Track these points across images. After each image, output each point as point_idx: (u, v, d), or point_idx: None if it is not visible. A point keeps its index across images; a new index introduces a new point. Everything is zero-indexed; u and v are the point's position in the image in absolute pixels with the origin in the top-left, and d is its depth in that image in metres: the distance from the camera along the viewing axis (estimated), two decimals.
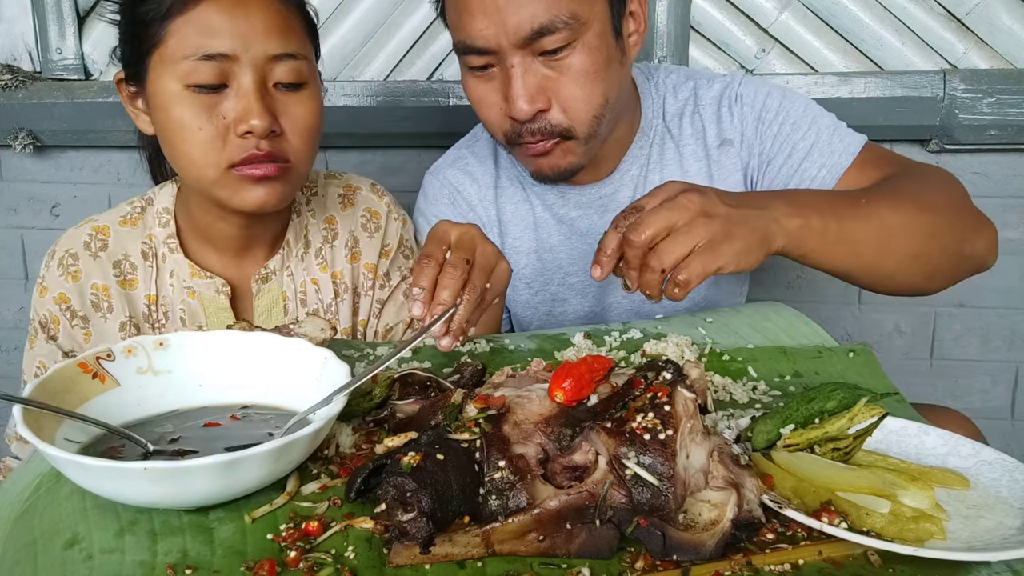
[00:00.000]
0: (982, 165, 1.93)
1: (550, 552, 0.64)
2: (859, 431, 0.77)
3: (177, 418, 0.81)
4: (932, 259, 1.10)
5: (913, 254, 1.08)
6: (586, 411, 0.72)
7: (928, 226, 1.08)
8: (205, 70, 1.04)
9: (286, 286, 1.25)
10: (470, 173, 1.43)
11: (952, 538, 0.67)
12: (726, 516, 0.65)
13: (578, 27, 1.12)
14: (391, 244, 1.33)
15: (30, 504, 0.74)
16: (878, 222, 1.05)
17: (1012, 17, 1.81)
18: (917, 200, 1.10)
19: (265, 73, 1.07)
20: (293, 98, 1.11)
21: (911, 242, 1.07)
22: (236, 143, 1.06)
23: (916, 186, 1.14)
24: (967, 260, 1.15)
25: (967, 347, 2.07)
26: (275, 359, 0.86)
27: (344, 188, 1.34)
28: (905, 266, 1.08)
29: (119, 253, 1.20)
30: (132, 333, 1.18)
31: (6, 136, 1.94)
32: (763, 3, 1.84)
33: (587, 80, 1.15)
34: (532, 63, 1.14)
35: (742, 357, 1.05)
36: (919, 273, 1.10)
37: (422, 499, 0.63)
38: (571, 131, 1.18)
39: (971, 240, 1.14)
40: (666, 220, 0.90)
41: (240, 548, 0.65)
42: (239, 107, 1.06)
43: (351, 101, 1.91)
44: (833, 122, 1.28)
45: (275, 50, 1.07)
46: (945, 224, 1.11)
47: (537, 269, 1.41)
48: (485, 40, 1.13)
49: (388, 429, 0.83)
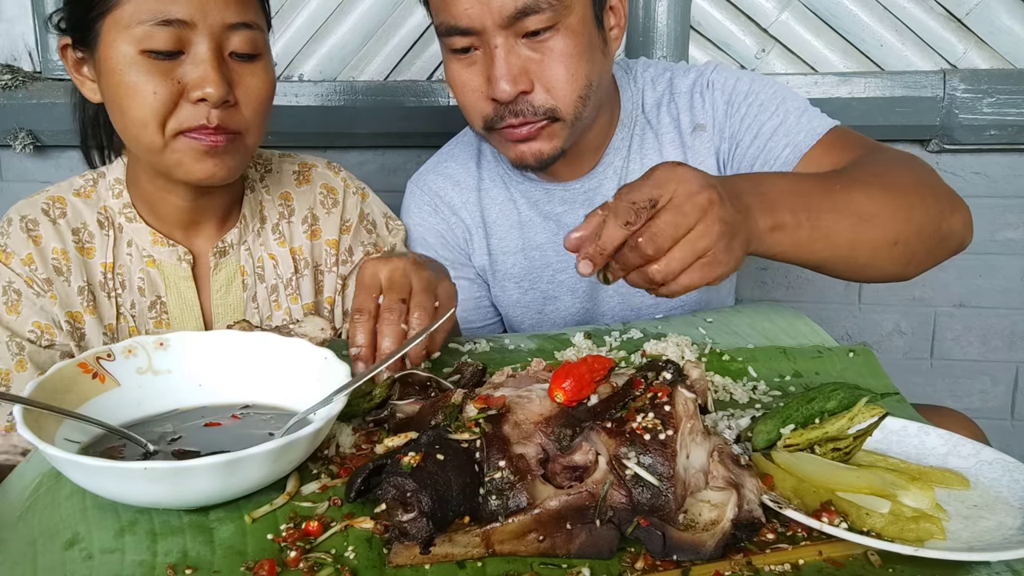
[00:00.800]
0: (982, 165, 1.93)
1: (550, 552, 0.64)
2: (859, 431, 0.77)
3: (177, 418, 0.81)
4: (910, 244, 1.04)
5: (891, 241, 1.02)
6: (586, 411, 0.72)
7: (904, 209, 1.03)
8: (162, 35, 1.03)
9: (244, 261, 1.24)
10: (451, 177, 1.43)
11: (952, 538, 0.67)
12: (726, 516, 0.65)
13: (561, 9, 1.13)
14: (351, 219, 1.32)
15: (30, 504, 0.74)
16: (852, 212, 0.99)
17: (1012, 17, 1.81)
18: (890, 183, 1.05)
19: (221, 42, 1.07)
20: (248, 68, 1.10)
21: (887, 229, 1.02)
22: (188, 110, 1.05)
23: (887, 168, 1.10)
24: (945, 240, 1.10)
25: (967, 347, 2.07)
26: (275, 359, 0.85)
27: (299, 166, 1.33)
28: (882, 254, 1.03)
29: (78, 222, 1.18)
30: (89, 300, 1.16)
31: (6, 136, 1.94)
32: (763, 3, 1.84)
33: (570, 61, 1.16)
34: (515, 44, 1.15)
35: (742, 357, 1.05)
36: (897, 260, 1.05)
37: (422, 499, 0.63)
38: (556, 111, 1.18)
39: (947, 219, 1.09)
40: (683, 229, 0.81)
41: (240, 548, 0.65)
42: (195, 73, 1.05)
43: (351, 101, 1.91)
44: (803, 104, 1.27)
45: (232, 19, 1.06)
46: (921, 205, 1.05)
47: (525, 268, 1.41)
48: (469, 19, 1.13)
49: (388, 429, 0.83)
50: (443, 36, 1.19)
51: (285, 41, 1.91)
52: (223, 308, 1.23)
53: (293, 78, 1.93)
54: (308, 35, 1.91)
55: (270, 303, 1.26)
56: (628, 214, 0.80)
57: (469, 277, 1.44)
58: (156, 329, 1.19)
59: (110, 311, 1.18)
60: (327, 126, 1.93)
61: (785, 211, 0.93)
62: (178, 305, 1.21)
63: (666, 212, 0.81)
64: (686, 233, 0.81)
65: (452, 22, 1.15)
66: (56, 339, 1.15)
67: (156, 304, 1.20)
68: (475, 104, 1.21)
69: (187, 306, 1.21)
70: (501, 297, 1.45)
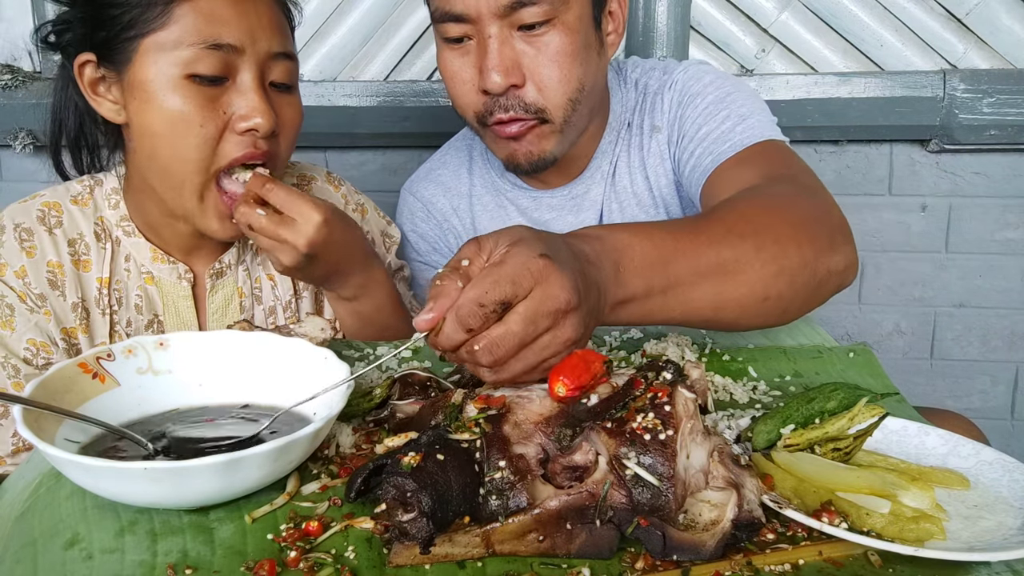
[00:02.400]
0: (982, 165, 1.93)
1: (550, 552, 0.64)
2: (859, 431, 0.77)
3: (177, 418, 0.81)
4: (783, 297, 0.91)
5: (761, 297, 0.90)
6: (586, 411, 0.72)
7: (776, 260, 0.90)
8: (210, 60, 1.02)
9: (241, 282, 1.22)
10: (443, 184, 1.43)
11: (952, 538, 0.67)
12: (726, 516, 0.65)
13: (559, 4, 1.12)
14: None
15: (30, 504, 0.74)
16: (717, 272, 0.87)
17: (1012, 17, 1.81)
18: (765, 230, 0.91)
19: (264, 70, 1.06)
20: (285, 99, 1.10)
21: (756, 286, 0.89)
22: (234, 140, 1.05)
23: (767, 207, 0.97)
24: (822, 285, 0.96)
25: (967, 347, 2.07)
26: (275, 359, 0.85)
27: (297, 179, 1.30)
28: (751, 311, 0.91)
29: (74, 232, 1.14)
30: (83, 316, 1.12)
31: (6, 136, 1.94)
32: (763, 3, 1.84)
33: (564, 60, 1.15)
34: (509, 36, 1.14)
35: (742, 357, 1.05)
36: (769, 313, 0.93)
37: (422, 499, 0.62)
38: (545, 112, 1.17)
39: (824, 261, 0.95)
40: (528, 340, 0.70)
41: (240, 548, 0.65)
42: (243, 103, 1.04)
43: (351, 101, 1.91)
44: (749, 111, 1.19)
45: (277, 48, 1.06)
46: (796, 253, 0.92)
47: None
48: (464, 6, 1.12)
49: (388, 429, 0.83)
50: (437, 23, 1.18)
51: None
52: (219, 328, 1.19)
53: None
54: (308, 35, 1.91)
55: (267, 325, 1.22)
56: (472, 319, 0.69)
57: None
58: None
59: (103, 328, 1.14)
60: (328, 126, 1.93)
61: (637, 283, 0.81)
62: (176, 325, 1.18)
63: (513, 321, 0.69)
64: (534, 341, 0.71)
65: (447, 7, 1.14)
66: (52, 357, 1.11)
67: (153, 323, 1.17)
68: (466, 96, 1.20)
69: (185, 326, 1.18)
70: None
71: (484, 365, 0.71)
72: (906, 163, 1.95)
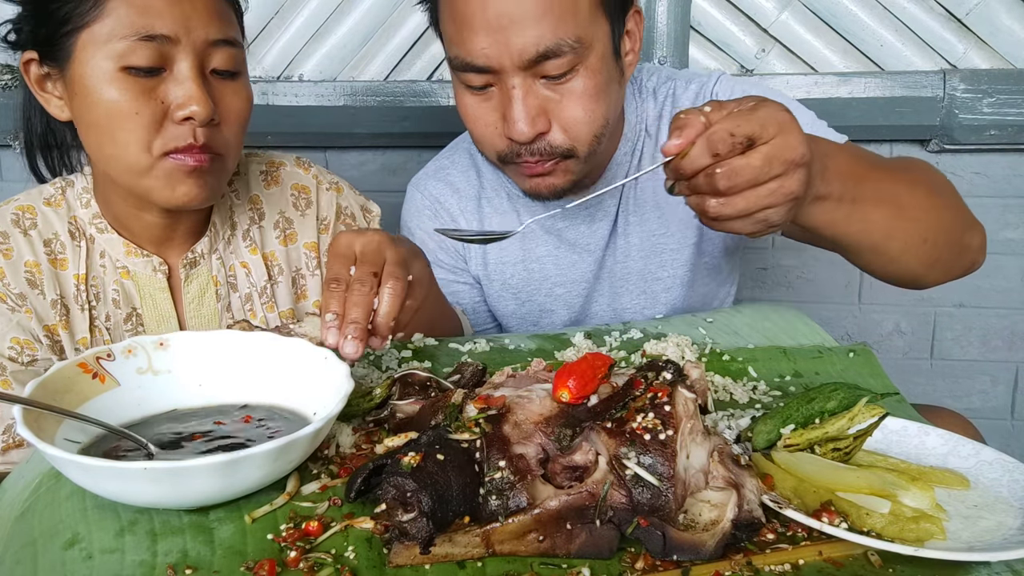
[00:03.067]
0: (982, 165, 1.93)
1: (550, 552, 0.64)
2: (859, 431, 0.77)
3: (177, 418, 0.81)
4: (938, 245, 1.04)
5: (922, 238, 1.02)
6: (586, 411, 0.72)
7: (938, 209, 1.04)
8: (144, 51, 1.00)
9: (216, 270, 1.21)
10: (452, 184, 1.42)
11: (952, 538, 0.67)
12: (726, 516, 0.65)
13: (582, 50, 1.10)
14: (328, 217, 1.29)
15: (30, 504, 0.74)
16: (894, 202, 0.99)
17: (1012, 17, 1.81)
18: (926, 183, 1.06)
19: (204, 58, 1.04)
20: (229, 87, 1.08)
21: (921, 226, 1.02)
22: (173, 130, 1.03)
23: (920, 172, 1.10)
24: (963, 253, 1.10)
25: (967, 347, 2.07)
26: (275, 359, 0.85)
27: (266, 165, 1.29)
28: (911, 250, 1.03)
29: (49, 232, 1.15)
30: (63, 313, 1.13)
31: (6, 136, 1.94)
32: (763, 3, 1.84)
33: (589, 102, 1.13)
34: (533, 84, 1.11)
35: (742, 357, 1.05)
36: (923, 259, 1.05)
37: (422, 499, 0.62)
38: (572, 151, 1.16)
39: (969, 232, 1.10)
40: (761, 180, 0.79)
41: (240, 548, 0.65)
42: (180, 92, 1.02)
43: (351, 101, 1.91)
44: (809, 119, 1.24)
45: (215, 35, 1.04)
46: (952, 209, 1.07)
47: (523, 279, 1.41)
48: (486, 59, 1.09)
49: (388, 429, 0.83)
50: (457, 71, 1.15)
51: (285, 41, 1.91)
52: (197, 320, 1.20)
53: (293, 78, 1.93)
54: (308, 35, 1.91)
55: (244, 312, 1.22)
56: (722, 144, 0.78)
57: (467, 282, 1.44)
58: None
59: (83, 324, 1.14)
60: (327, 126, 1.93)
61: (836, 185, 0.91)
62: (154, 317, 1.18)
63: (755, 156, 0.79)
64: (764, 184, 0.80)
65: (468, 59, 1.11)
66: (37, 354, 1.12)
67: (132, 316, 1.17)
68: (489, 139, 1.18)
69: (163, 318, 1.18)
70: (498, 307, 1.45)
71: (717, 192, 0.80)
72: None
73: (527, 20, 1.06)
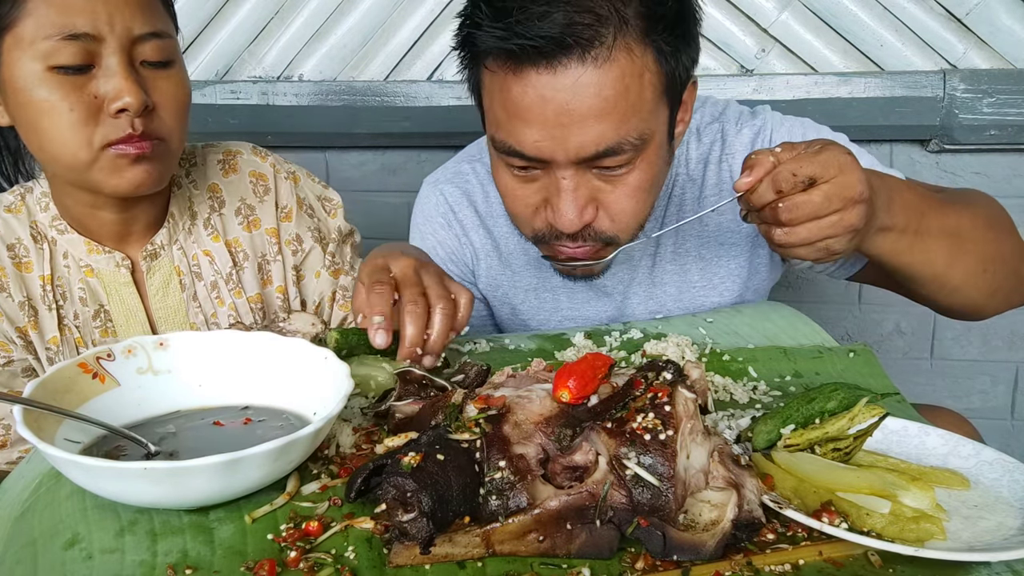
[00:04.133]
0: (982, 165, 1.93)
1: (550, 552, 0.64)
2: (859, 431, 0.77)
3: (177, 418, 0.81)
4: (997, 275, 1.07)
5: (981, 268, 1.06)
6: (586, 411, 0.72)
7: (997, 241, 1.08)
8: (69, 50, 0.99)
9: (178, 260, 1.21)
10: (468, 195, 1.35)
11: (952, 538, 0.67)
12: (726, 516, 0.65)
13: (642, 145, 1.03)
14: (288, 205, 1.28)
15: (30, 504, 0.74)
16: (954, 232, 1.03)
17: (1012, 17, 1.81)
18: (986, 216, 1.09)
19: (131, 52, 1.03)
20: (161, 75, 1.07)
21: (980, 255, 1.05)
22: (110, 123, 1.02)
23: (980, 204, 1.12)
24: (1020, 284, 1.13)
25: (967, 347, 2.07)
26: (275, 359, 0.86)
27: (224, 154, 1.29)
28: (972, 280, 1.06)
29: (12, 237, 1.15)
30: (31, 314, 1.14)
31: None
32: (763, 3, 1.84)
33: (642, 194, 1.07)
34: (585, 175, 1.03)
35: (742, 357, 1.05)
36: (983, 289, 1.07)
37: (422, 499, 0.62)
38: (616, 239, 1.09)
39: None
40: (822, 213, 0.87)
41: (240, 548, 0.65)
42: (110, 86, 1.01)
43: (351, 101, 1.91)
44: (870, 162, 1.17)
45: (140, 29, 1.03)
46: (1010, 242, 1.10)
47: (535, 307, 1.35)
48: (539, 152, 1.01)
49: (388, 429, 0.83)
50: (501, 154, 1.07)
51: (285, 41, 1.91)
52: (163, 311, 1.20)
53: (293, 78, 1.93)
54: (308, 35, 1.91)
55: (212, 300, 1.22)
56: (785, 183, 0.87)
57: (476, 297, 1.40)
58: (103, 339, 1.17)
59: (52, 324, 1.15)
60: (327, 126, 1.93)
61: (900, 217, 0.97)
62: (122, 312, 1.18)
63: (815, 193, 0.87)
64: (824, 217, 0.87)
65: (517, 148, 1.02)
66: (13, 355, 1.13)
67: (100, 313, 1.17)
68: (527, 217, 1.10)
69: (131, 312, 1.18)
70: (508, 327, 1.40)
71: (780, 223, 0.89)
72: (906, 163, 1.95)
73: (589, 119, 0.98)
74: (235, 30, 1.91)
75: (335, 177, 2.04)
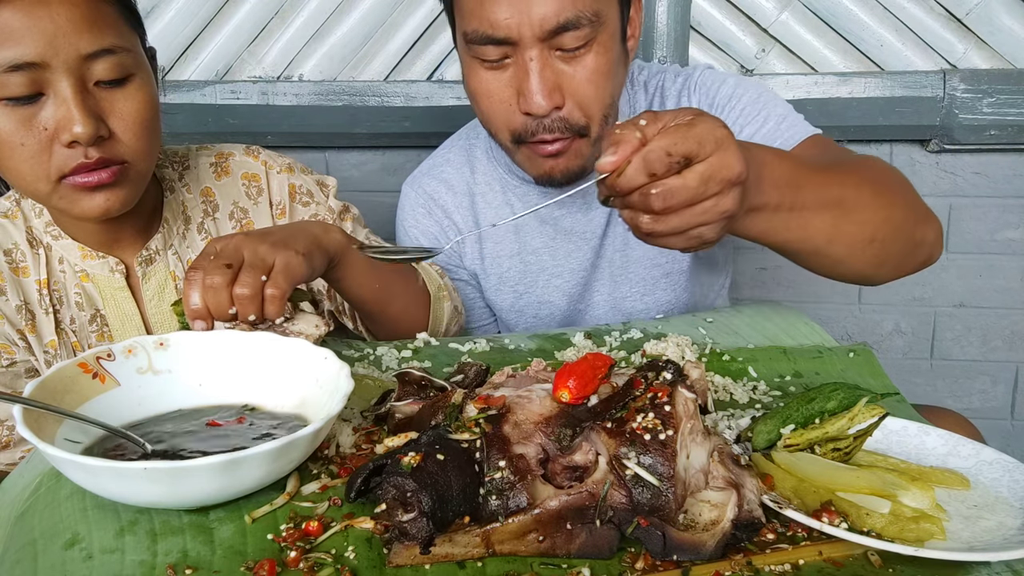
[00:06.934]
0: (982, 165, 1.93)
1: (550, 552, 0.64)
2: (859, 431, 0.77)
3: (177, 418, 0.81)
4: (886, 244, 1.01)
5: (868, 239, 0.99)
6: (586, 411, 0.72)
7: (886, 208, 1.01)
8: (15, 81, 0.95)
9: (173, 266, 1.21)
10: (446, 181, 1.43)
11: (952, 538, 0.67)
12: (726, 516, 0.65)
13: (598, 25, 1.13)
14: (282, 200, 1.27)
15: (30, 504, 0.74)
16: (837, 205, 0.96)
17: (1012, 17, 1.81)
18: (875, 180, 1.03)
19: (83, 74, 0.99)
20: (119, 94, 1.02)
21: (867, 226, 0.99)
22: (63, 153, 0.99)
23: (870, 169, 1.08)
24: (917, 248, 1.07)
25: (967, 347, 2.07)
26: (275, 359, 0.85)
27: (216, 156, 1.28)
28: (857, 252, 1.00)
29: (9, 243, 1.15)
30: (28, 318, 1.13)
31: None
32: (763, 3, 1.84)
33: (600, 78, 1.15)
34: (550, 57, 1.13)
35: (742, 357, 1.05)
36: (871, 260, 1.02)
37: (422, 499, 0.63)
38: (586, 128, 1.18)
39: (922, 226, 1.07)
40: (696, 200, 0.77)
41: (240, 548, 0.65)
42: (59, 115, 0.98)
43: (351, 101, 1.91)
44: (785, 110, 1.25)
45: (88, 48, 0.98)
46: (902, 206, 1.04)
47: (520, 272, 1.41)
48: (507, 29, 1.11)
49: (388, 429, 0.83)
50: (473, 44, 1.16)
51: (285, 41, 1.91)
52: (159, 316, 1.20)
53: (293, 78, 1.93)
54: (308, 35, 1.91)
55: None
56: (658, 164, 0.75)
57: (463, 279, 1.45)
58: (99, 343, 1.16)
59: (49, 327, 1.15)
60: (327, 126, 1.93)
61: (772, 195, 0.89)
62: (117, 317, 1.18)
63: (691, 176, 0.76)
64: (699, 203, 0.77)
65: (488, 31, 1.12)
66: (16, 356, 1.13)
67: (96, 318, 1.17)
68: (502, 115, 1.19)
69: (126, 317, 1.18)
70: (496, 301, 1.45)
71: (652, 211, 0.78)
72: (906, 163, 1.95)
73: None
74: (235, 30, 1.91)
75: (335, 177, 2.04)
